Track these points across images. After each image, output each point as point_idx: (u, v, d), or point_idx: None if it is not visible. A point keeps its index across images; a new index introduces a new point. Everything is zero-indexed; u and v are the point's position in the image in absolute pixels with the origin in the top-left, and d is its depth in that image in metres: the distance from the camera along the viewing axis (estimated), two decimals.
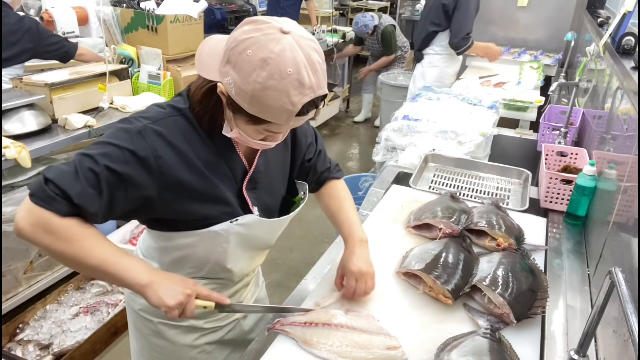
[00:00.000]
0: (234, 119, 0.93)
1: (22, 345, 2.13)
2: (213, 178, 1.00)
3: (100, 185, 0.88)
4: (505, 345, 1.02)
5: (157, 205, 0.96)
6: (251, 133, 0.93)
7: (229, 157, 1.03)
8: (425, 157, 1.98)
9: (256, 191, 1.10)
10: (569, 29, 3.81)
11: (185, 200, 0.98)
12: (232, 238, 1.05)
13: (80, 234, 0.91)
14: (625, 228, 1.13)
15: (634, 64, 1.47)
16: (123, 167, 0.89)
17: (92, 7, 3.22)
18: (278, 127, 0.91)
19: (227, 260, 1.10)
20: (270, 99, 0.83)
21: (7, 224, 2.05)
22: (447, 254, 1.26)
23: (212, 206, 1.02)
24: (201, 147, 0.98)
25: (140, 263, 0.97)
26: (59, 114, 2.25)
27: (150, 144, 0.91)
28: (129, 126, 0.92)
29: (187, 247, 1.06)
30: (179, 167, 0.95)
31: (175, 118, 0.97)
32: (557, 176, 1.65)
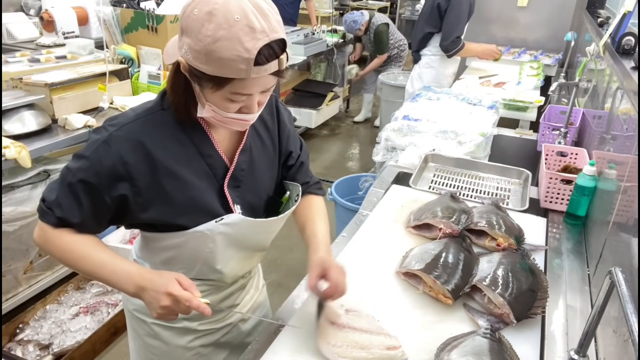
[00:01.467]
0: (202, 93, 0.92)
1: (22, 345, 2.13)
2: (190, 177, 0.99)
3: (79, 197, 0.94)
4: (505, 345, 1.02)
5: (136, 210, 0.97)
6: (221, 103, 0.91)
7: (207, 154, 1.02)
8: (425, 157, 1.98)
9: (239, 190, 1.08)
10: (569, 29, 3.81)
11: (161, 203, 0.97)
12: (219, 238, 1.03)
13: (69, 243, 0.97)
14: (625, 228, 1.13)
15: (634, 64, 1.47)
16: (95, 178, 0.93)
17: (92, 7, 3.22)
18: (243, 85, 0.87)
19: (215, 261, 1.08)
20: (223, 50, 0.81)
21: (7, 224, 2.05)
22: (447, 254, 1.26)
23: (189, 208, 1.00)
24: (177, 146, 0.98)
25: (124, 271, 0.96)
26: (59, 114, 2.25)
27: (116, 151, 0.92)
28: (97, 136, 0.94)
29: (175, 247, 1.06)
30: (151, 170, 0.95)
31: (146, 119, 0.97)
32: (557, 176, 1.65)
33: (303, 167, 1.23)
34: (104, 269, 0.97)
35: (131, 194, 0.95)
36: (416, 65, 3.53)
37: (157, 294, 0.91)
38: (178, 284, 0.92)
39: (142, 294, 0.93)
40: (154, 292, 0.91)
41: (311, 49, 4.51)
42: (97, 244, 1.00)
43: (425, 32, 3.35)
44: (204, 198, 1.01)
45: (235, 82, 0.86)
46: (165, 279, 0.93)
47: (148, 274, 0.96)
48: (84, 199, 0.94)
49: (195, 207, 1.00)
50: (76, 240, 0.98)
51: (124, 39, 3.09)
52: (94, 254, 0.98)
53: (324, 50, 4.82)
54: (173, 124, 0.98)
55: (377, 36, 4.96)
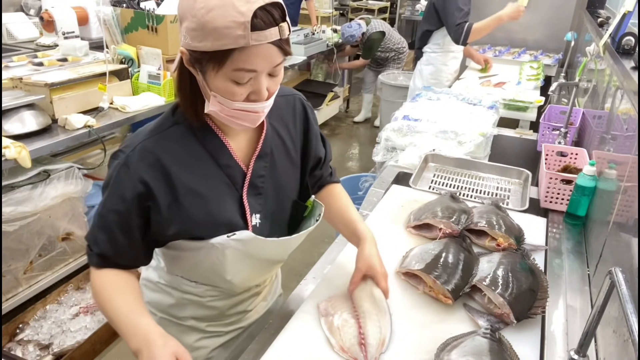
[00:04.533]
0: (206, 83, 0.88)
1: (22, 345, 2.13)
2: (209, 191, 0.97)
3: (111, 229, 0.94)
4: (505, 345, 1.02)
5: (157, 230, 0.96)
6: (227, 87, 0.85)
7: (225, 164, 0.99)
8: (425, 157, 1.98)
9: (261, 197, 1.04)
10: (569, 29, 3.81)
11: (181, 220, 0.95)
12: (229, 252, 0.99)
13: (101, 285, 0.97)
14: (625, 228, 1.13)
15: (634, 64, 1.47)
16: (122, 205, 0.92)
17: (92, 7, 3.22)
18: (245, 57, 0.82)
19: (225, 272, 1.04)
20: (218, 18, 0.79)
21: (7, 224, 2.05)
22: (447, 254, 1.26)
23: (209, 224, 0.97)
24: (193, 160, 0.96)
25: (133, 325, 0.90)
26: (59, 114, 2.25)
27: (135, 172, 0.91)
28: (116, 161, 0.94)
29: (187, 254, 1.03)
30: (169, 188, 0.93)
31: (160, 135, 0.95)
32: (557, 176, 1.65)
33: (326, 162, 1.23)
34: (118, 319, 0.92)
35: (153, 213, 0.94)
36: (418, 62, 3.56)
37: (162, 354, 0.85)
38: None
39: (139, 354, 0.87)
40: (159, 353, 0.85)
41: (311, 49, 4.50)
42: (126, 288, 0.97)
43: (424, 30, 3.40)
44: (224, 211, 0.99)
45: (236, 55, 0.82)
46: (165, 352, 0.85)
47: (155, 336, 0.88)
48: (116, 229, 0.94)
49: (214, 221, 0.98)
50: (108, 281, 0.97)
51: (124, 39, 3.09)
52: (116, 300, 0.94)
53: (324, 50, 4.82)
54: (187, 138, 0.96)
55: (368, 42, 5.03)
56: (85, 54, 2.74)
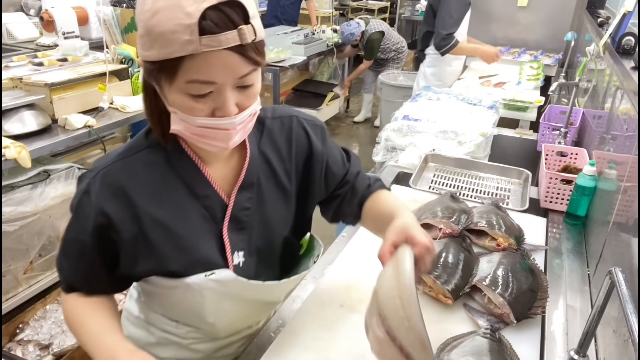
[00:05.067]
0: (162, 96, 0.78)
1: (22, 345, 2.13)
2: (180, 224, 0.86)
3: (73, 257, 0.89)
4: (505, 345, 1.02)
5: (125, 264, 0.87)
6: (184, 102, 0.74)
7: (202, 194, 0.87)
8: (425, 157, 1.98)
9: (245, 232, 0.92)
10: (569, 29, 3.81)
11: (149, 255, 0.86)
12: (208, 293, 0.88)
13: (71, 309, 0.92)
14: (625, 228, 1.13)
15: (634, 64, 1.47)
16: (82, 234, 0.85)
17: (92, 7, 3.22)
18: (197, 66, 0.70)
19: (205, 315, 0.93)
20: (163, 21, 0.68)
21: (7, 224, 2.05)
22: (447, 254, 1.26)
23: (181, 260, 0.86)
24: (164, 189, 0.85)
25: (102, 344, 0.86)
26: (59, 114, 2.25)
27: (95, 201, 0.82)
28: (80, 186, 0.85)
29: (164, 291, 0.93)
30: (134, 220, 0.83)
31: (128, 160, 0.85)
32: (557, 176, 1.65)
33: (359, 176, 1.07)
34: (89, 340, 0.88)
35: (118, 247, 0.85)
36: (421, 64, 3.56)
37: None
38: None
39: None
40: None
41: (311, 49, 4.50)
42: (96, 309, 0.92)
43: (424, 31, 3.39)
44: (199, 247, 0.87)
45: (187, 64, 0.70)
46: None
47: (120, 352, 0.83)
48: (77, 258, 0.88)
49: (188, 258, 0.87)
50: (78, 305, 0.92)
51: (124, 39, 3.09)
52: (86, 321, 0.90)
53: (324, 50, 4.82)
54: (160, 164, 0.85)
55: (369, 43, 5.02)
56: (85, 54, 2.74)
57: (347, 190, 1.06)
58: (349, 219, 1.11)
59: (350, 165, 1.07)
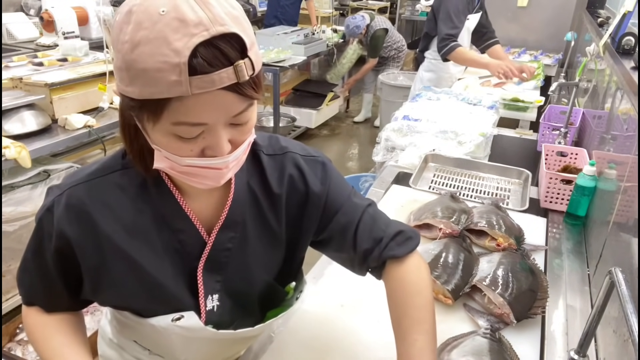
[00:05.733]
0: (145, 132, 0.68)
1: (22, 345, 2.13)
2: (148, 258, 0.77)
3: (31, 273, 0.84)
4: (505, 345, 1.02)
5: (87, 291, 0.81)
6: (169, 143, 0.65)
7: (178, 228, 0.78)
8: (425, 157, 1.98)
9: (223, 274, 0.82)
10: (569, 29, 3.81)
11: (110, 288, 0.78)
12: (175, 337, 0.82)
13: (31, 325, 0.88)
14: (625, 228, 1.13)
15: (634, 64, 1.47)
16: (39, 254, 0.80)
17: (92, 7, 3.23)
18: (185, 108, 0.60)
19: (176, 353, 0.87)
20: (145, 56, 0.58)
21: (7, 224, 2.05)
22: (447, 254, 1.26)
23: (146, 298, 0.79)
24: (135, 217, 0.76)
25: None
26: (59, 114, 2.25)
27: (57, 222, 0.74)
28: (45, 201, 0.77)
29: (132, 327, 0.88)
30: (96, 248, 0.75)
31: (99, 180, 0.76)
32: (557, 176, 1.65)
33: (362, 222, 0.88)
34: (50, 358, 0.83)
35: (78, 272, 0.78)
36: (420, 66, 3.54)
37: None
38: None
39: None
40: None
41: (311, 49, 4.51)
42: (57, 327, 0.86)
43: (424, 33, 3.36)
44: (167, 286, 0.79)
45: (174, 105, 0.60)
46: None
47: None
48: (37, 275, 0.82)
49: (154, 296, 0.79)
50: (39, 322, 0.86)
51: None
52: (46, 339, 0.85)
53: (324, 50, 4.82)
54: (134, 189, 0.76)
55: (373, 41, 5.00)
56: (85, 54, 2.74)
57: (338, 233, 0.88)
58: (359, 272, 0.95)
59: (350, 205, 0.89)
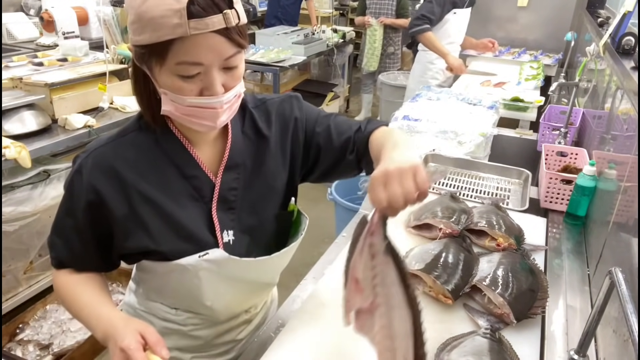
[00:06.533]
0: (155, 80, 0.82)
1: (22, 345, 2.13)
2: (170, 203, 0.89)
3: (65, 234, 0.92)
4: (505, 345, 1.02)
5: (118, 240, 0.91)
6: (174, 82, 0.79)
7: (190, 175, 0.91)
8: (425, 157, 1.98)
9: (234, 212, 0.96)
10: (569, 29, 3.81)
11: (140, 232, 0.89)
12: (203, 274, 0.92)
13: (63, 284, 0.95)
14: (625, 228, 1.13)
15: (634, 64, 1.47)
16: (75, 212, 0.89)
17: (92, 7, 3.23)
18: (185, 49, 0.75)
19: (203, 298, 0.96)
20: (153, 7, 0.74)
21: (7, 224, 2.05)
22: (447, 254, 1.26)
23: (171, 238, 0.90)
24: (154, 169, 0.89)
25: (96, 314, 0.89)
26: (59, 114, 2.25)
27: (87, 180, 0.86)
28: (73, 166, 0.89)
29: (160, 277, 0.97)
30: (124, 198, 0.87)
31: (119, 141, 0.90)
32: (557, 176, 1.65)
33: (338, 124, 1.03)
34: (82, 312, 0.92)
35: (110, 223, 0.89)
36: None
37: (114, 347, 0.82)
38: (140, 338, 0.81)
39: (106, 342, 0.85)
40: (112, 343, 0.82)
41: (311, 49, 4.51)
42: (87, 285, 0.95)
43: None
44: (188, 225, 0.91)
45: (177, 46, 0.75)
46: (127, 330, 0.82)
47: (116, 320, 0.86)
48: (70, 235, 0.91)
49: (178, 235, 0.90)
50: (70, 280, 0.95)
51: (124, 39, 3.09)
52: (78, 295, 0.93)
53: (324, 50, 4.82)
54: (150, 145, 0.89)
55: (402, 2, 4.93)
56: (85, 54, 2.74)
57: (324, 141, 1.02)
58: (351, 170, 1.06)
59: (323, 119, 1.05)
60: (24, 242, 2.18)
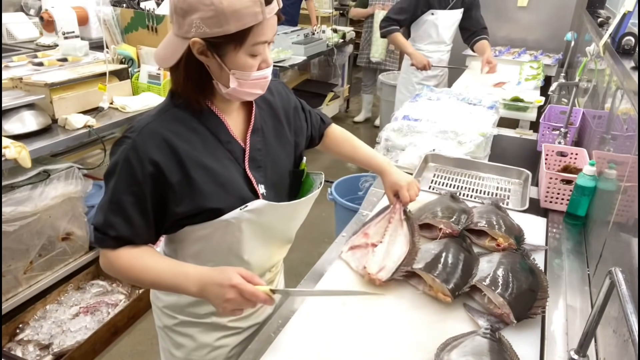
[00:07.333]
0: (224, 65, 0.95)
1: (22, 345, 2.13)
2: (216, 165, 1.02)
3: (126, 211, 0.97)
4: (505, 345, 1.02)
5: (172, 207, 0.99)
6: (245, 61, 0.95)
7: (225, 140, 1.05)
8: (425, 157, 1.98)
9: (261, 170, 1.11)
10: (569, 29, 3.81)
11: (193, 194, 0.99)
12: (245, 226, 1.04)
13: (129, 260, 1.00)
14: (625, 228, 1.13)
15: (634, 64, 1.47)
16: (134, 187, 0.96)
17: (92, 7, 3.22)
18: (260, 30, 0.92)
19: (242, 251, 1.08)
20: (235, 2, 0.87)
21: (7, 224, 2.05)
22: (447, 253, 1.26)
23: (221, 195, 1.02)
24: (197, 137, 1.01)
25: (182, 274, 0.97)
26: (59, 114, 2.25)
27: (144, 153, 0.95)
28: (122, 147, 0.97)
29: (201, 240, 1.06)
30: (179, 165, 0.97)
31: (162, 117, 1.00)
32: (557, 176, 1.65)
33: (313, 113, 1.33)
34: (164, 276, 0.98)
35: (166, 192, 0.97)
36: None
37: (221, 288, 0.91)
38: (240, 276, 0.92)
39: (205, 292, 0.94)
40: (218, 286, 0.92)
41: (311, 49, 4.50)
42: (154, 254, 1.03)
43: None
44: (232, 183, 1.04)
45: (254, 30, 0.91)
46: (227, 272, 0.93)
47: (208, 271, 0.96)
48: (132, 210, 0.97)
49: (226, 193, 1.02)
50: (133, 255, 1.00)
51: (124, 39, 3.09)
52: (152, 264, 1.00)
53: (324, 50, 4.82)
54: (188, 118, 1.01)
55: None
56: (85, 54, 2.74)
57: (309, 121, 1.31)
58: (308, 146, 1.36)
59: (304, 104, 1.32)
60: (24, 242, 2.18)
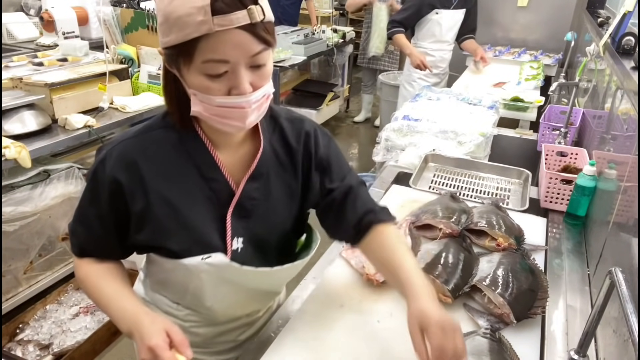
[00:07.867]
0: (182, 79, 0.82)
1: (22, 345, 2.13)
2: (185, 204, 0.90)
3: (89, 222, 0.93)
4: (505, 345, 1.02)
5: (132, 231, 0.92)
6: (201, 82, 0.79)
7: (210, 177, 0.91)
8: (425, 157, 1.98)
9: (248, 220, 0.95)
10: (569, 29, 3.80)
11: (152, 228, 0.90)
12: (204, 276, 0.92)
13: (86, 274, 0.97)
14: (625, 228, 1.13)
15: (634, 64, 1.47)
16: (97, 201, 0.91)
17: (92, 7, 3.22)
18: (211, 46, 0.75)
19: (204, 298, 0.98)
20: (178, 7, 0.74)
21: (7, 224, 2.05)
22: (447, 254, 1.26)
23: (182, 237, 0.90)
24: (174, 168, 0.90)
25: (121, 309, 0.90)
26: (59, 114, 2.25)
27: (110, 170, 0.88)
28: (98, 157, 0.91)
29: (165, 272, 0.99)
30: (142, 193, 0.88)
31: (143, 137, 0.91)
32: (557, 176, 1.65)
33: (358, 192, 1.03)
34: (107, 303, 0.93)
35: (127, 215, 0.90)
36: None
37: (141, 342, 0.83)
38: (167, 337, 0.82)
39: (132, 336, 0.87)
40: (139, 340, 0.84)
41: (311, 49, 4.50)
42: (111, 275, 0.96)
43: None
44: (200, 228, 0.91)
45: (202, 44, 0.75)
46: (154, 329, 0.83)
47: (142, 316, 0.87)
48: (94, 223, 0.93)
49: (188, 237, 0.91)
50: (92, 270, 0.97)
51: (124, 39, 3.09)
52: (101, 286, 0.95)
53: (324, 50, 4.82)
54: (173, 144, 0.90)
55: None
56: (85, 54, 2.74)
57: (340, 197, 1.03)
58: (345, 238, 1.08)
59: (349, 176, 1.05)
60: (24, 242, 2.18)
